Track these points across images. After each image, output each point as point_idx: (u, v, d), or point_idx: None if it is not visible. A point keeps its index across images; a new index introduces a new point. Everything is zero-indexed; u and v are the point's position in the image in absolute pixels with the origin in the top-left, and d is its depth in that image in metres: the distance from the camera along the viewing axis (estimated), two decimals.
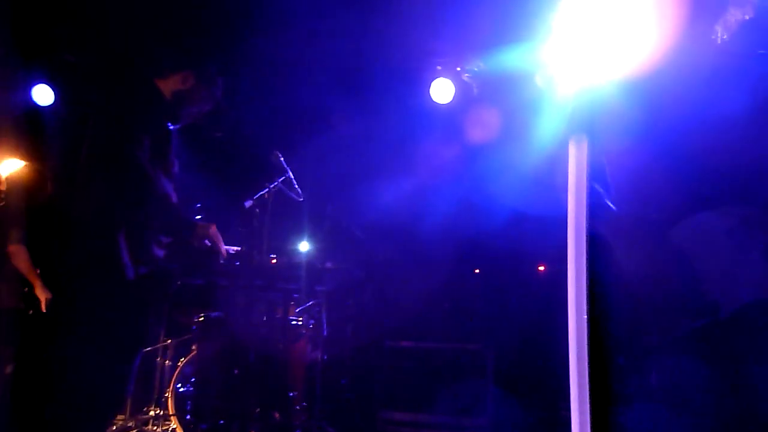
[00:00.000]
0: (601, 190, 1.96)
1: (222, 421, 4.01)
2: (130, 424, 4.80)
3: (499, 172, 4.85)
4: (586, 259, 1.18)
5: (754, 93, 1.76)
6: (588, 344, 1.15)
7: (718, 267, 1.71)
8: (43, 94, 5.63)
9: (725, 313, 1.66)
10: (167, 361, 5.04)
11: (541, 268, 5.72)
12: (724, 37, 1.83)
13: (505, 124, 5.09)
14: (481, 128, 5.41)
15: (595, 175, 1.71)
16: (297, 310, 4.81)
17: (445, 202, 5.47)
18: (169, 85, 2.90)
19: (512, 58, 4.62)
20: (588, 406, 1.12)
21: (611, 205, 1.97)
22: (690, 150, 1.80)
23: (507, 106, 5.02)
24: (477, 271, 5.11)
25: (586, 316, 1.15)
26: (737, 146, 1.75)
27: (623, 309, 1.74)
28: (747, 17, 1.81)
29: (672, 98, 1.83)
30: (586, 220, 1.26)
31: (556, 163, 2.08)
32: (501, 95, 5.06)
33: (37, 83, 5.56)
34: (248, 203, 3.50)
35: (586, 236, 1.20)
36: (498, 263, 5.45)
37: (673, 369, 1.75)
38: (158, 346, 5.07)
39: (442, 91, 5.33)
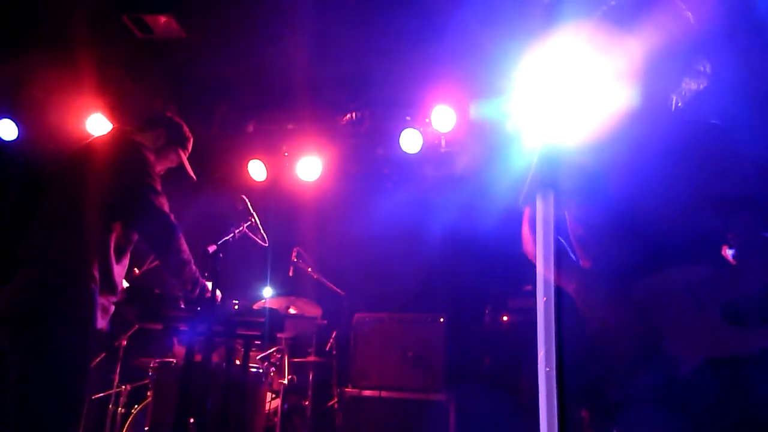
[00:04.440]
0: (564, 243, 2.01)
1: None
2: None
3: (466, 220, 4.91)
4: (555, 312, 1.19)
5: (704, 158, 1.85)
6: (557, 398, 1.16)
7: (677, 324, 1.75)
8: (6, 129, 5.55)
9: (684, 371, 1.69)
10: (120, 409, 4.85)
11: (505, 318, 5.75)
12: (679, 104, 1.93)
13: (474, 171, 5.19)
14: (450, 176, 5.51)
15: (559, 229, 1.75)
16: (258, 357, 4.71)
17: (409, 250, 5.49)
18: (142, 141, 3.01)
19: (482, 110, 4.75)
20: None
21: (573, 257, 2.01)
22: (645, 208, 1.85)
23: (476, 153, 5.13)
24: (441, 320, 5.09)
25: (555, 370, 1.16)
26: (690, 207, 1.82)
27: (583, 363, 1.76)
28: (701, 87, 1.92)
29: (630, 158, 1.90)
30: (554, 273, 1.29)
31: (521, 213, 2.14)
32: (470, 143, 5.17)
33: (1, 117, 5.49)
34: (212, 248, 3.45)
35: (554, 288, 1.22)
36: (462, 313, 5.45)
37: (632, 426, 1.76)
38: (111, 392, 4.89)
39: (410, 141, 5.43)
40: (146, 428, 4.12)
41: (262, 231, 3.83)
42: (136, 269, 4.13)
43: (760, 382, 1.63)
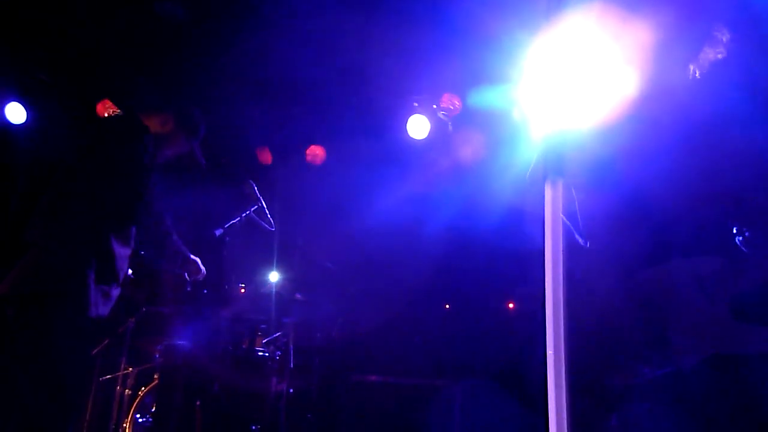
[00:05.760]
0: (571, 226, 1.99)
1: None
2: None
3: (473, 207, 4.90)
4: (563, 296, 1.19)
5: (720, 140, 1.81)
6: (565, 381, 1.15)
7: (684, 317, 1.72)
8: (15, 112, 5.55)
9: (688, 364, 1.66)
10: (127, 390, 4.89)
11: (511, 305, 5.74)
12: (697, 75, 1.88)
13: (481, 158, 5.17)
14: (457, 163, 5.48)
15: (567, 212, 1.73)
16: (263, 341, 4.74)
17: (416, 236, 5.49)
18: (148, 125, 2.96)
19: (488, 97, 4.71)
20: None
21: (581, 240, 1.99)
22: (655, 197, 1.82)
23: (483, 140, 5.10)
24: (447, 306, 5.10)
25: (563, 357, 1.15)
26: (701, 196, 1.78)
27: (586, 350, 1.75)
28: (720, 56, 1.86)
29: (641, 145, 1.87)
30: (563, 257, 1.27)
31: (530, 198, 2.11)
32: (477, 131, 5.15)
33: (10, 101, 5.49)
34: (219, 232, 3.46)
35: (563, 273, 1.21)
36: (468, 299, 5.45)
37: (632, 415, 1.74)
38: (118, 374, 4.93)
39: (418, 127, 5.40)
40: (153, 410, 4.15)
41: (269, 216, 3.83)
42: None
43: (763, 381, 1.60)
